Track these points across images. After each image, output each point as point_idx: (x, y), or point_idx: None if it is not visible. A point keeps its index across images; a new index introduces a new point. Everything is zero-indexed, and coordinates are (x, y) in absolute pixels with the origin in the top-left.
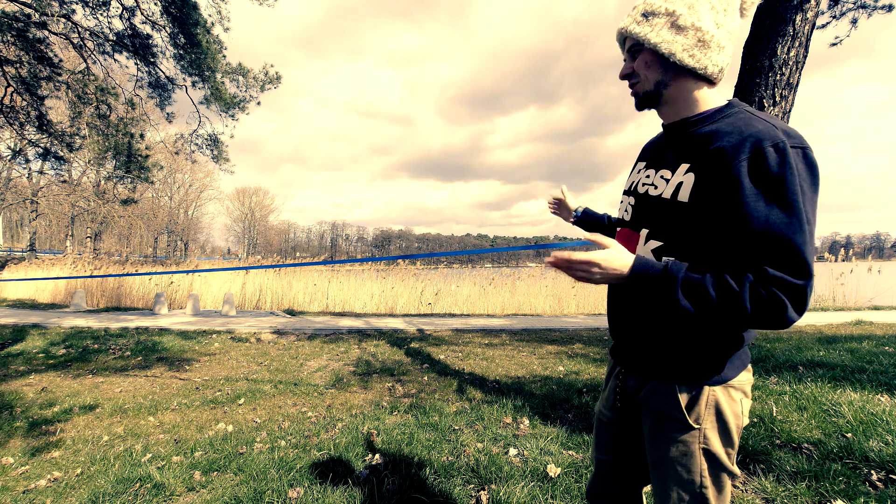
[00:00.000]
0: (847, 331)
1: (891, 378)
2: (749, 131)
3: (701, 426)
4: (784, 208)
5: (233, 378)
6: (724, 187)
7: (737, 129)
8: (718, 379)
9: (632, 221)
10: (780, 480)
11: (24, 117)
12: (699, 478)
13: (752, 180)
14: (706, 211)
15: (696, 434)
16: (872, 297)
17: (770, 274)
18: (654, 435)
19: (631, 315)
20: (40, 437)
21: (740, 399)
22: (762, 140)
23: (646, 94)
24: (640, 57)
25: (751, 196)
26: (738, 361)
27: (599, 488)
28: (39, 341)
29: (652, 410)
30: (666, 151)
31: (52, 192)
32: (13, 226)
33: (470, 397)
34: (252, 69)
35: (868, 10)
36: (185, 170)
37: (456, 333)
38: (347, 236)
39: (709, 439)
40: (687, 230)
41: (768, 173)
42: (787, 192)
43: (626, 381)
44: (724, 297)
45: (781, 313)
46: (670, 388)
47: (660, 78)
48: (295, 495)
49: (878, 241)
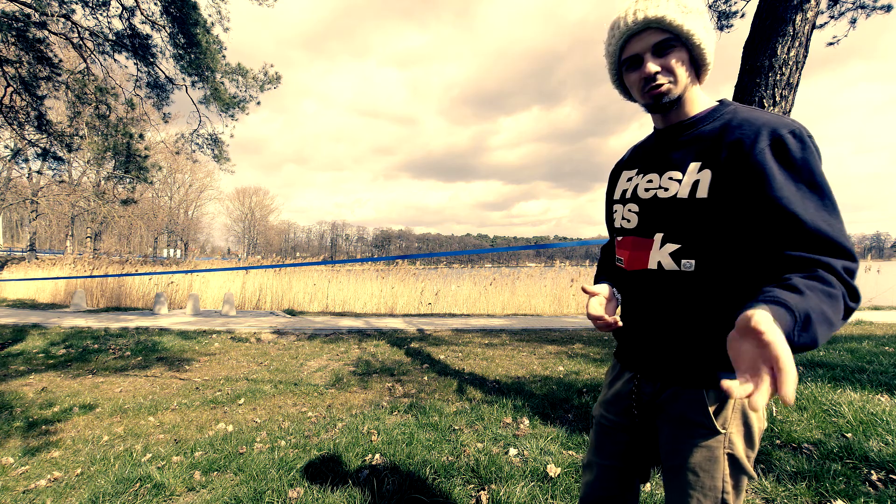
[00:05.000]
0: (847, 331)
1: (891, 378)
2: (761, 121)
3: (727, 431)
4: (816, 192)
5: (233, 378)
6: (748, 177)
7: (747, 120)
8: None
9: (639, 228)
10: (780, 480)
11: (23, 117)
12: (721, 483)
13: (780, 165)
14: (729, 204)
15: (721, 439)
16: (872, 297)
17: (833, 264)
18: (676, 441)
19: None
20: (40, 437)
21: None
22: (778, 128)
23: (678, 96)
24: (674, 54)
25: (780, 181)
26: None
27: (601, 495)
28: (39, 341)
29: (673, 416)
30: (666, 153)
31: (52, 192)
32: (13, 226)
33: (470, 397)
34: (251, 69)
35: (867, 11)
36: (185, 170)
37: (456, 333)
38: (347, 236)
39: (734, 444)
40: (708, 227)
41: (792, 158)
42: (815, 175)
43: (643, 387)
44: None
45: (856, 295)
46: (697, 393)
47: (689, 79)
48: (295, 495)
49: (878, 241)
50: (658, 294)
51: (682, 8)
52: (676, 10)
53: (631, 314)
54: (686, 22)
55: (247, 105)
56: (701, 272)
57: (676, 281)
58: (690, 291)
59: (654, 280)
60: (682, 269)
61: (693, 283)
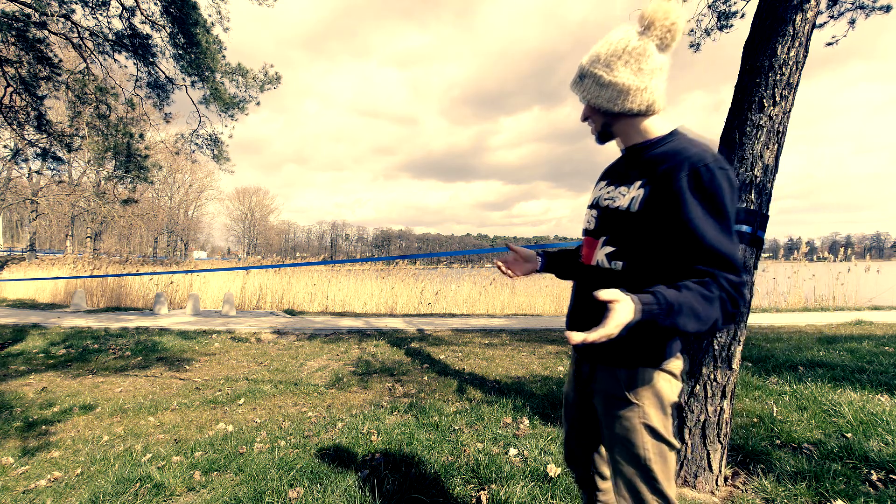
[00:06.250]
0: (847, 331)
1: (891, 378)
2: (687, 154)
3: (640, 403)
4: (718, 217)
5: (233, 378)
6: (670, 199)
7: (678, 152)
8: (653, 363)
9: (594, 230)
10: (780, 480)
11: (23, 117)
12: (643, 451)
13: (693, 192)
14: (654, 218)
15: (636, 410)
16: (872, 297)
17: (719, 274)
18: (604, 413)
19: (587, 309)
20: (40, 437)
21: (671, 380)
22: (697, 162)
23: (599, 133)
24: (585, 107)
25: (691, 205)
26: (670, 350)
27: (568, 451)
28: (39, 341)
29: (599, 391)
30: (626, 170)
31: (52, 192)
32: (13, 226)
33: (470, 397)
34: (251, 69)
35: (866, 11)
36: (185, 170)
37: (456, 333)
38: (347, 236)
39: (648, 415)
40: (637, 236)
41: (704, 187)
42: (719, 202)
43: (582, 366)
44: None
45: (737, 305)
46: (615, 371)
47: (603, 121)
48: (295, 495)
49: (878, 241)
50: (593, 287)
51: (574, 80)
52: (572, 81)
53: (578, 303)
54: (578, 90)
55: (247, 105)
56: (627, 272)
57: (607, 277)
58: (616, 286)
59: (593, 275)
60: (612, 268)
61: (619, 280)
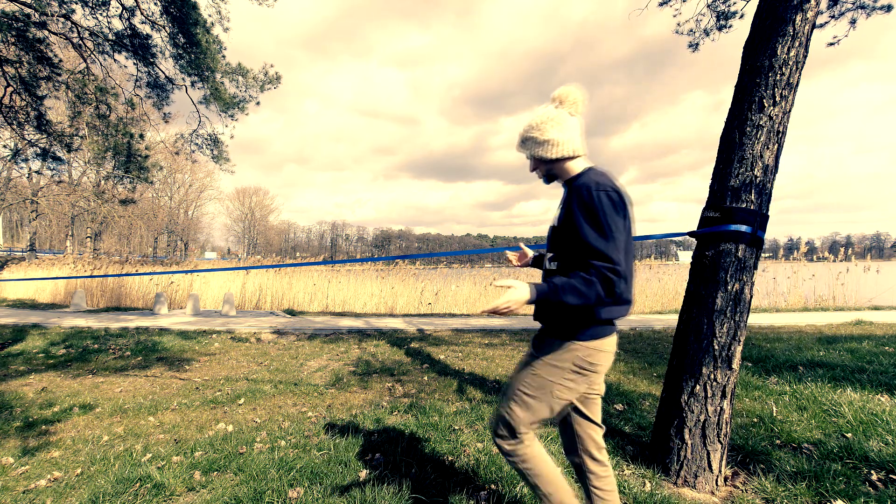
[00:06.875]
0: (847, 331)
1: (891, 378)
2: (585, 184)
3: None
4: (599, 227)
5: (233, 378)
6: (572, 216)
7: (582, 183)
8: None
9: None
10: (780, 480)
11: (23, 117)
12: (524, 382)
13: (582, 211)
14: (566, 229)
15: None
16: (872, 297)
17: (597, 265)
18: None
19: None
20: (40, 437)
21: (590, 355)
22: (590, 189)
23: (545, 176)
24: (531, 161)
25: (582, 219)
26: (591, 332)
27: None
28: (39, 341)
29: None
30: (564, 198)
31: (52, 192)
32: (13, 226)
33: (470, 397)
34: (251, 69)
35: (867, 11)
36: (185, 170)
37: (456, 333)
38: (347, 236)
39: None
40: (560, 243)
41: (590, 207)
42: (600, 217)
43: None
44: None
45: (612, 287)
46: (549, 339)
47: (546, 168)
48: (295, 495)
49: (878, 241)
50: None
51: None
52: (516, 143)
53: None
54: (523, 150)
55: (247, 105)
56: (559, 269)
57: (550, 273)
58: None
59: (546, 272)
60: (552, 268)
61: (556, 275)
